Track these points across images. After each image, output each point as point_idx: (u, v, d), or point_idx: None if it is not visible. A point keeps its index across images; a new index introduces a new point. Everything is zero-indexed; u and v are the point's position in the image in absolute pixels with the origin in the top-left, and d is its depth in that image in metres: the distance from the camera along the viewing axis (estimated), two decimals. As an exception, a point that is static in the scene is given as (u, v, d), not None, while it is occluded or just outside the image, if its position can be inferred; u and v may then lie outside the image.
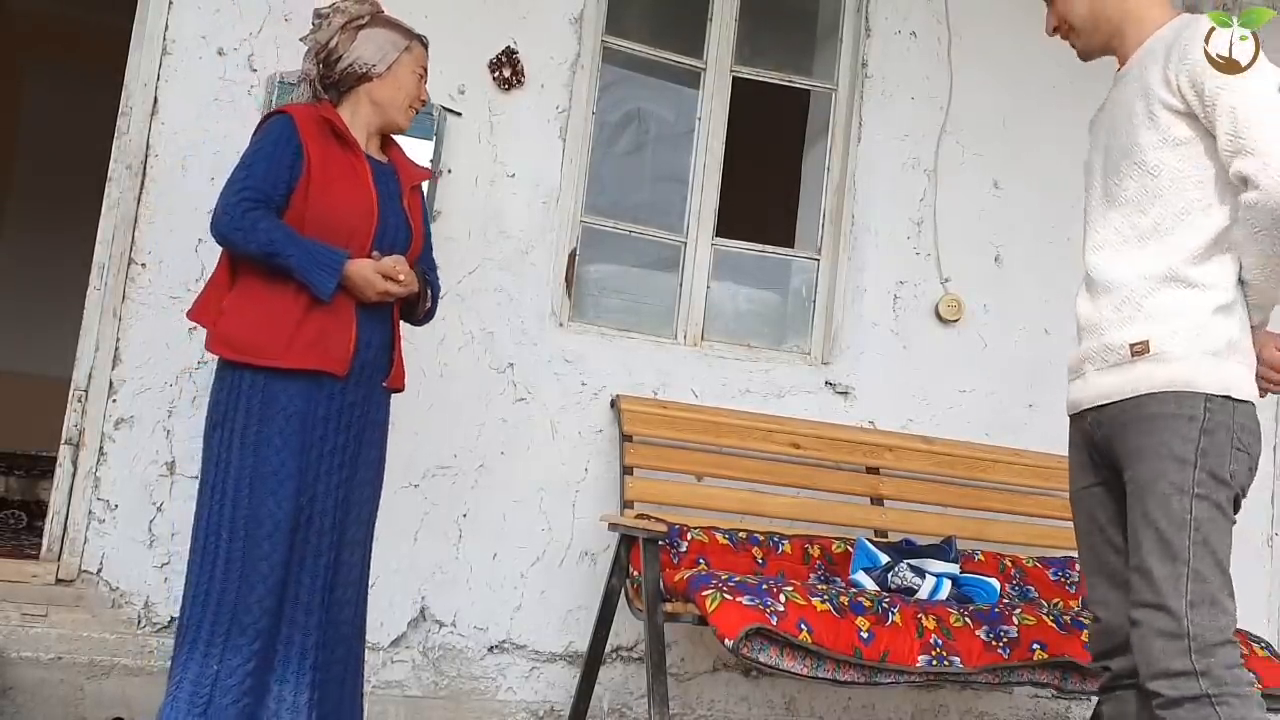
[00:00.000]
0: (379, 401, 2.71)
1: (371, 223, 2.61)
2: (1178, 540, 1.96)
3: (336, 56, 2.68)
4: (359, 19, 2.69)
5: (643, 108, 4.31)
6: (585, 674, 3.40)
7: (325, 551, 2.56)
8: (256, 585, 2.46)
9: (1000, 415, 4.08)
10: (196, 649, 2.45)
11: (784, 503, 3.66)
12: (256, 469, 2.49)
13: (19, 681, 3.11)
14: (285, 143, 2.56)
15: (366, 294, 2.56)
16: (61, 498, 3.25)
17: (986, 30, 4.17)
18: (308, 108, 2.67)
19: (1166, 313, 2.06)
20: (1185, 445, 1.99)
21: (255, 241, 2.49)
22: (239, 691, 2.44)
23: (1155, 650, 1.96)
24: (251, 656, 2.45)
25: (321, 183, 2.57)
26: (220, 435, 2.54)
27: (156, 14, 3.37)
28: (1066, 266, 4.22)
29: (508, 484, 3.59)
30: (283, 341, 2.51)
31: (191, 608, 2.49)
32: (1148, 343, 2.06)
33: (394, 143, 2.83)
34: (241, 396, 2.53)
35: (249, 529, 2.47)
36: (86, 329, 3.30)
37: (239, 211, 2.51)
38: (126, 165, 3.33)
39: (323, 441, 2.56)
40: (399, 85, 2.71)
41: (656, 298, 4.02)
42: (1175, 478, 1.99)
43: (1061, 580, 3.73)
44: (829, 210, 4.07)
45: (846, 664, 2.83)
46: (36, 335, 6.20)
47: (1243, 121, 1.97)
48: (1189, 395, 2.00)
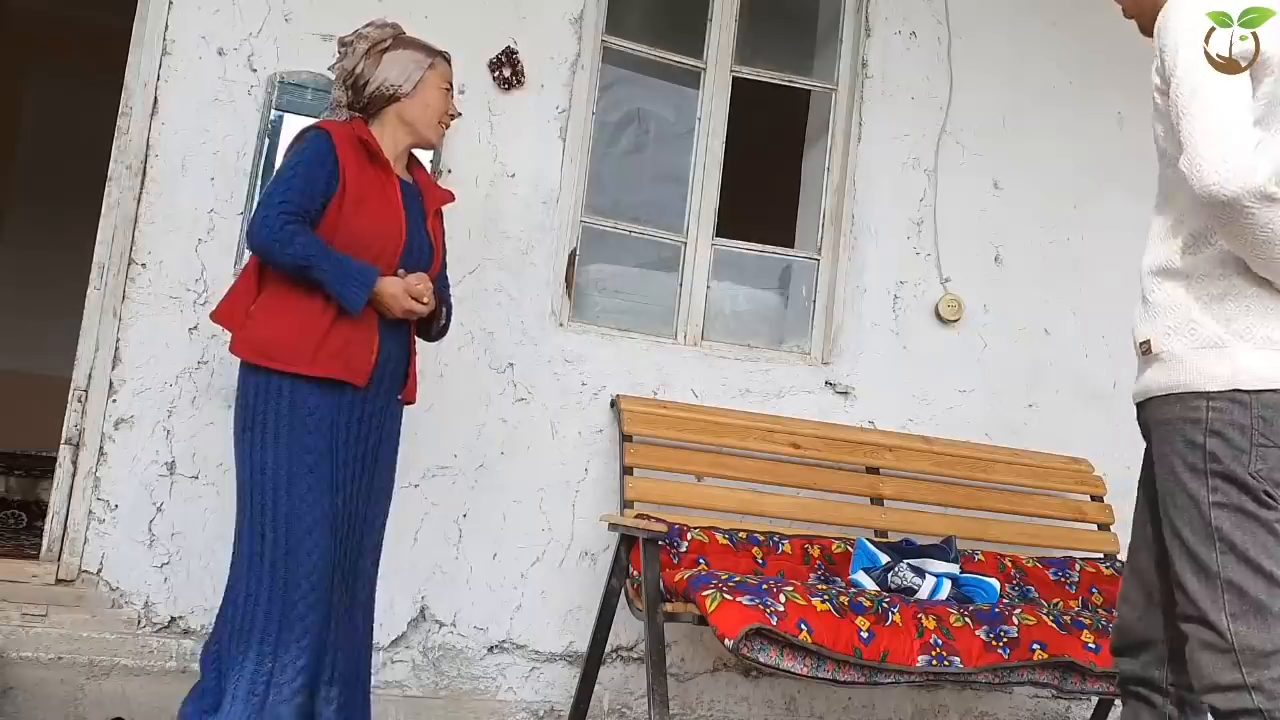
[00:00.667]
0: (394, 413, 2.80)
1: (400, 242, 2.71)
2: (1205, 554, 1.88)
3: (364, 81, 2.77)
4: (382, 43, 2.79)
5: (643, 108, 4.31)
6: (585, 674, 3.40)
7: (347, 557, 2.64)
8: (301, 582, 2.53)
9: (1000, 415, 4.08)
10: (250, 649, 2.51)
11: (784, 503, 3.66)
12: (292, 469, 2.56)
13: (19, 681, 3.11)
14: (323, 159, 2.64)
15: (393, 310, 2.66)
16: (61, 498, 3.25)
17: (986, 30, 4.17)
18: (344, 125, 2.75)
19: (1161, 309, 1.98)
20: (1193, 452, 1.90)
21: (292, 254, 2.56)
22: (292, 690, 2.50)
23: (1204, 664, 1.89)
24: (303, 653, 2.51)
25: (355, 200, 2.65)
26: (253, 437, 2.60)
27: (156, 14, 3.37)
28: (1066, 266, 4.23)
29: (508, 484, 3.59)
30: (310, 349, 2.58)
31: (244, 609, 2.54)
32: (1149, 342, 1.99)
33: (419, 164, 2.93)
34: (273, 399, 2.59)
35: (290, 527, 2.54)
36: (86, 329, 3.30)
37: (278, 224, 2.57)
38: (126, 165, 3.33)
39: (345, 449, 2.65)
40: (427, 103, 2.80)
41: (656, 298, 4.02)
42: (1192, 488, 1.90)
43: (1061, 580, 3.73)
44: (829, 210, 4.07)
45: (846, 664, 2.83)
46: (36, 335, 6.19)
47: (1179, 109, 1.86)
48: (1190, 396, 1.91)
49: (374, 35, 2.80)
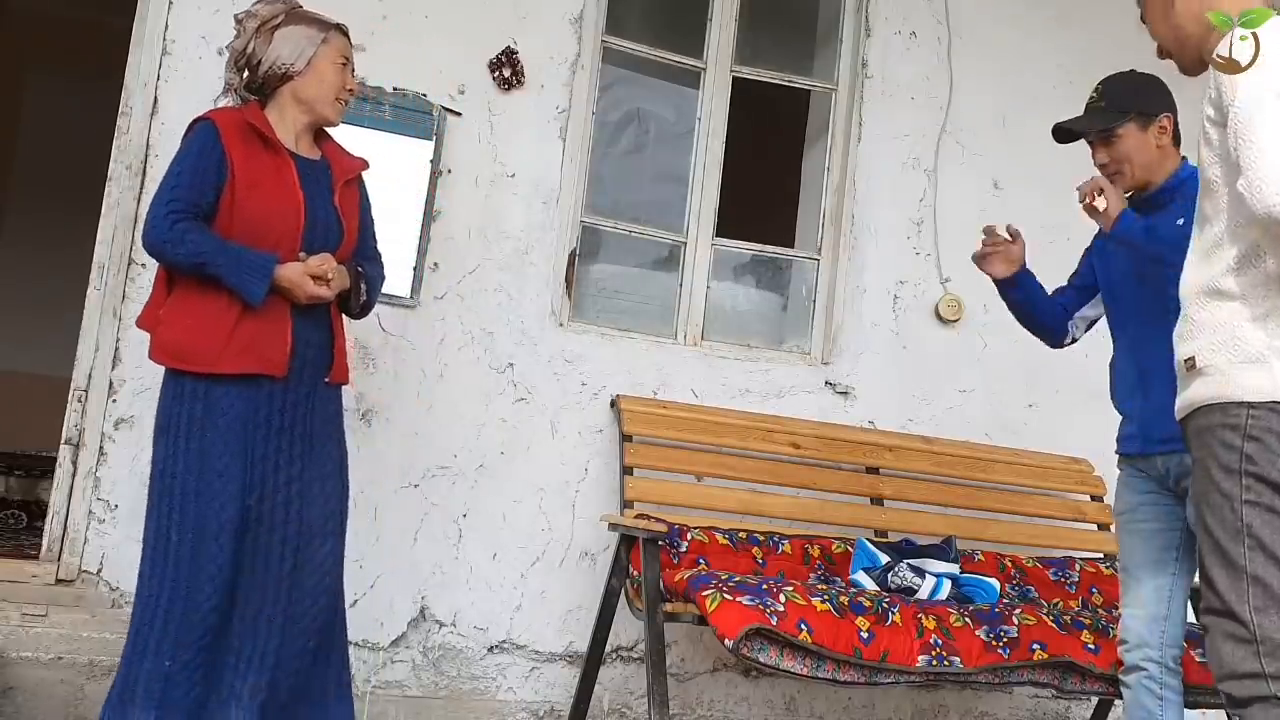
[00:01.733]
0: (326, 397, 2.74)
1: (299, 223, 2.64)
2: (1234, 549, 1.98)
3: (256, 61, 2.70)
4: (273, 19, 2.71)
5: (643, 108, 4.31)
6: (585, 674, 3.40)
7: (282, 549, 2.61)
8: (204, 585, 2.52)
9: (1000, 415, 4.08)
10: (149, 647, 2.51)
11: (784, 503, 3.66)
12: (202, 474, 2.54)
13: (19, 681, 3.11)
14: (208, 150, 2.60)
15: (297, 296, 2.60)
16: (61, 498, 3.25)
17: (986, 30, 4.17)
18: (231, 112, 2.70)
19: (1207, 326, 2.08)
20: (1230, 454, 2.00)
21: (184, 252, 2.54)
22: (189, 684, 2.51)
23: (1224, 653, 1.99)
24: (200, 652, 2.51)
25: (246, 186, 2.60)
26: (165, 442, 2.59)
27: (156, 14, 3.37)
28: (1066, 266, 4.21)
29: (508, 484, 3.59)
30: (218, 347, 2.55)
31: (144, 608, 2.54)
32: (1194, 358, 2.07)
33: (328, 137, 2.84)
34: (184, 403, 2.57)
35: (196, 532, 2.53)
36: (86, 329, 3.30)
37: (167, 224, 2.55)
38: (126, 165, 3.33)
39: (266, 443, 2.61)
40: (320, 79, 2.71)
41: (656, 298, 4.03)
42: (1225, 487, 2.00)
43: (1061, 580, 3.73)
44: (829, 210, 4.07)
45: (846, 664, 2.83)
46: (36, 335, 6.19)
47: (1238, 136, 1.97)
48: (1232, 405, 2.01)
49: (264, 13, 2.71)
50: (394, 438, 3.48)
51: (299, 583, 2.63)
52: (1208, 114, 2.08)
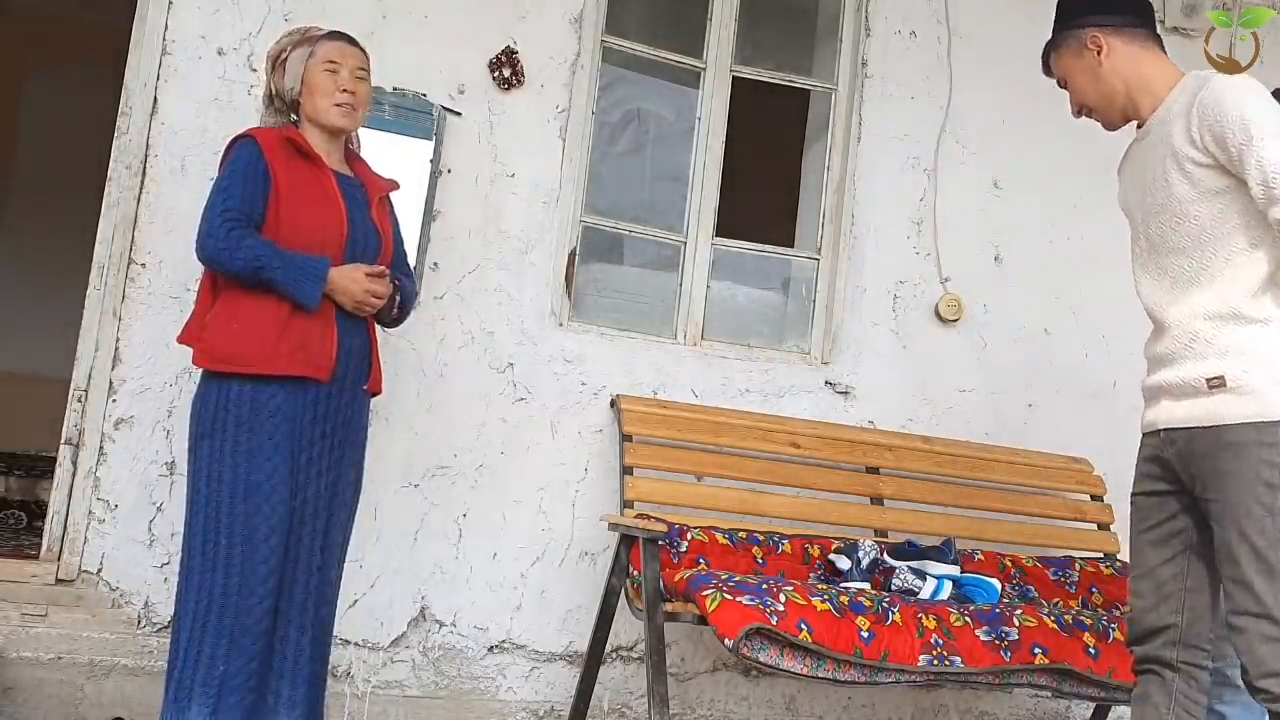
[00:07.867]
0: (361, 405, 2.81)
1: (343, 234, 2.71)
2: (1274, 556, 2.14)
3: (276, 96, 2.83)
4: (280, 55, 2.82)
5: (643, 108, 4.31)
6: (585, 674, 3.40)
7: (316, 553, 2.67)
8: (257, 588, 2.55)
9: (1000, 415, 4.08)
10: (202, 653, 2.54)
11: (784, 503, 3.66)
12: (250, 477, 2.57)
13: (19, 681, 3.11)
14: (254, 164, 2.65)
15: (352, 294, 2.67)
16: (61, 498, 3.25)
17: (986, 30, 4.17)
18: (271, 130, 2.77)
19: (1237, 349, 2.22)
20: (1270, 470, 2.16)
21: (242, 258, 2.58)
22: (244, 690, 2.54)
23: (1263, 653, 2.14)
24: (255, 656, 2.56)
25: (291, 200, 2.66)
26: (209, 446, 2.60)
27: (156, 14, 3.37)
28: (1066, 266, 4.23)
29: (508, 484, 3.59)
30: (268, 349, 2.59)
31: (195, 613, 2.56)
32: (1223, 377, 2.21)
33: (359, 158, 2.93)
34: (230, 406, 2.60)
35: (246, 536, 2.55)
36: (86, 329, 3.30)
37: (223, 232, 2.58)
38: (126, 165, 3.33)
39: (311, 446, 2.65)
40: (314, 90, 2.78)
41: (656, 297, 4.02)
42: (1265, 499, 2.16)
43: (1061, 580, 3.73)
44: (829, 210, 4.07)
45: (847, 663, 2.83)
46: (36, 335, 6.20)
47: (1270, 171, 2.12)
48: (1268, 425, 2.17)
49: (273, 50, 2.84)
50: (394, 438, 3.48)
51: (324, 583, 2.70)
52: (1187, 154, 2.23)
